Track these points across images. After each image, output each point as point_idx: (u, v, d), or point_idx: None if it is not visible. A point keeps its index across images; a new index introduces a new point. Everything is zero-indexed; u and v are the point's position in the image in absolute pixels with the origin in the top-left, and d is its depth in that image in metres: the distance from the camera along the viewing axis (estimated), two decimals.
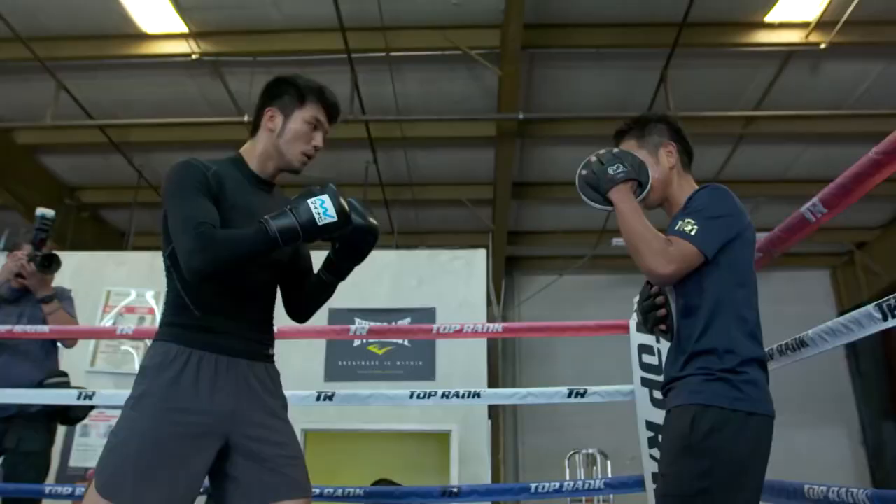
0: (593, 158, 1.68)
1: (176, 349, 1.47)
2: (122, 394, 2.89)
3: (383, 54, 5.64)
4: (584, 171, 1.68)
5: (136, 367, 5.18)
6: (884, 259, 8.34)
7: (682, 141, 1.77)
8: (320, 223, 1.43)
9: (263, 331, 1.63)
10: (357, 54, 5.53)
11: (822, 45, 5.47)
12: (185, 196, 1.47)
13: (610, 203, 1.63)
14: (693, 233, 1.49)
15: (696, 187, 1.68)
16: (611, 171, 1.63)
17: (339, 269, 1.70)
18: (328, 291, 1.76)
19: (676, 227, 1.53)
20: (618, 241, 7.79)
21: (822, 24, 5.38)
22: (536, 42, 5.59)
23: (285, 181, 1.80)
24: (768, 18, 5.41)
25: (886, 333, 7.25)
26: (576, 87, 6.14)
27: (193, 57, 5.70)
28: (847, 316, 1.55)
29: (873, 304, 1.44)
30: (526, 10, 5.06)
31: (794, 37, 5.52)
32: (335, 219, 1.43)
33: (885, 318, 1.41)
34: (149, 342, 5.15)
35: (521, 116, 5.89)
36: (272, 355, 1.65)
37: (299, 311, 1.81)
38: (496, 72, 5.58)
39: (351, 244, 1.64)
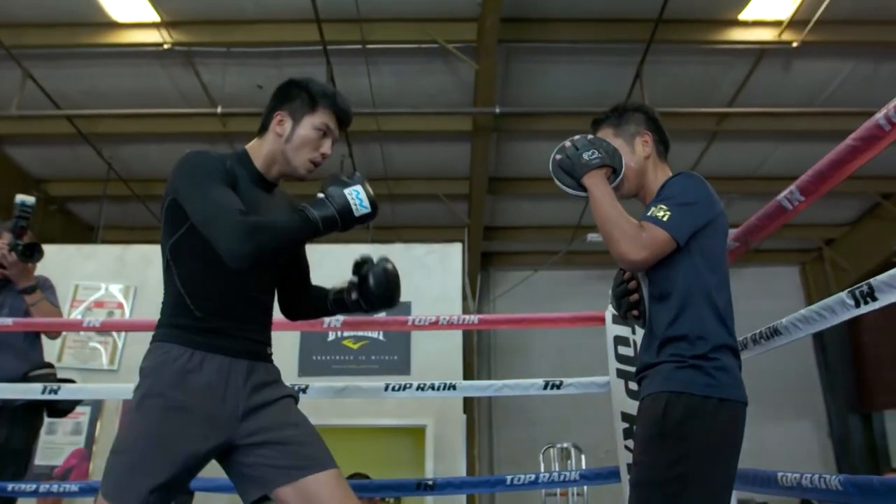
0: (568, 143, 1.67)
1: (177, 350, 1.46)
2: (88, 388, 2.84)
3: (359, 46, 5.59)
4: (558, 156, 1.67)
5: (104, 363, 5.08)
6: (851, 255, 8.51)
7: (659, 131, 1.76)
8: (357, 214, 1.45)
9: (264, 331, 1.62)
10: (332, 46, 5.47)
11: (795, 44, 5.55)
12: (211, 183, 1.45)
13: (583, 188, 1.63)
14: (665, 219, 1.49)
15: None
16: (585, 156, 1.62)
17: (348, 310, 1.74)
18: (328, 313, 1.83)
19: (649, 214, 1.53)
20: (593, 237, 7.82)
21: (795, 23, 5.46)
22: (513, 36, 5.59)
23: None
24: (742, 16, 5.47)
25: (853, 328, 7.40)
26: (552, 82, 6.15)
27: (165, 47, 5.60)
28: (820, 303, 1.55)
29: (846, 290, 1.45)
30: (503, 4, 5.06)
31: (767, 35, 5.59)
32: (369, 210, 1.46)
33: (857, 305, 1.41)
34: (116, 336, 5.01)
35: (497, 110, 5.89)
36: (271, 354, 1.64)
37: (293, 312, 1.83)
38: (472, 65, 5.57)
39: (371, 306, 1.69)
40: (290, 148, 1.59)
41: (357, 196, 1.45)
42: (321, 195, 1.45)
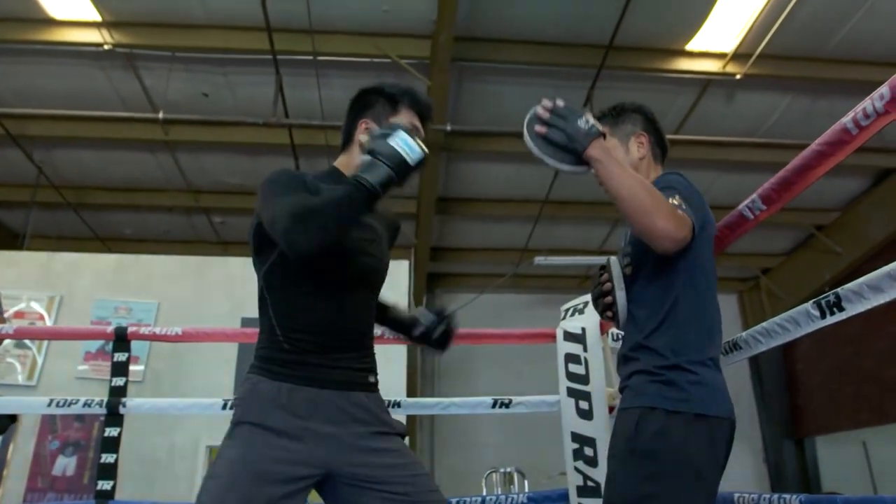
0: (545, 113, 1.42)
1: (266, 384, 1.40)
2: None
3: (310, 58, 5.48)
4: (542, 128, 1.41)
5: (21, 378, 4.75)
6: (786, 284, 8.79)
7: (657, 133, 1.71)
8: (412, 162, 1.33)
9: (361, 358, 1.50)
10: (283, 56, 5.35)
11: (738, 76, 5.72)
12: (286, 192, 1.38)
13: (583, 163, 1.40)
14: (683, 206, 1.38)
15: None
16: (582, 125, 1.39)
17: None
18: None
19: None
20: (540, 260, 7.84)
21: (739, 56, 5.64)
22: (466, 55, 5.58)
23: None
24: (689, 47, 5.61)
25: (787, 357, 7.55)
26: (503, 102, 6.16)
27: (105, 47, 5.35)
28: (783, 315, 1.52)
29: (811, 301, 1.41)
30: (457, 23, 5.04)
31: (713, 66, 5.75)
32: (421, 154, 1.33)
33: (823, 316, 1.38)
34: (35, 349, 4.67)
35: (448, 128, 5.85)
36: (374, 383, 1.52)
37: None
38: (425, 82, 5.52)
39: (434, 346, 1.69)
40: None
41: (405, 143, 1.31)
42: (367, 157, 1.33)
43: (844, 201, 7.75)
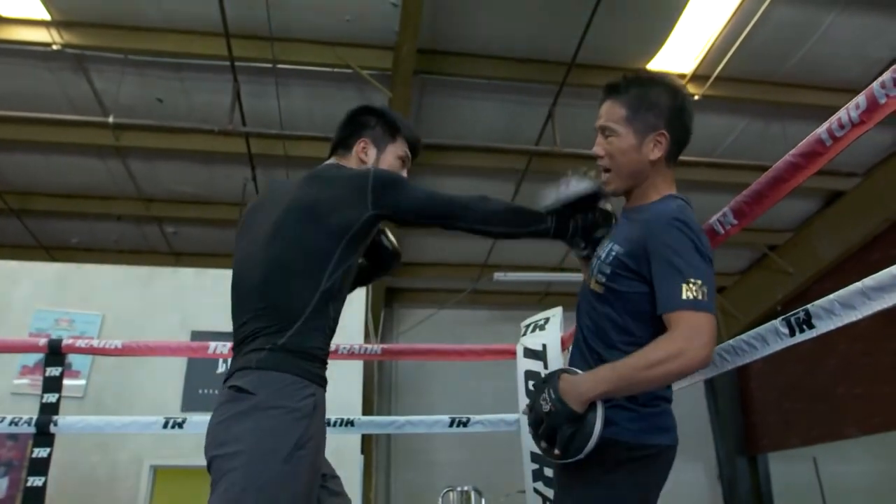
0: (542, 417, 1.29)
1: (321, 394, 1.39)
2: None
3: (269, 65, 5.37)
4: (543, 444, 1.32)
5: None
6: (741, 303, 8.93)
7: (681, 129, 1.39)
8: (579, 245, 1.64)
9: None
10: (241, 63, 5.23)
11: (696, 97, 5.80)
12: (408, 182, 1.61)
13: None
14: (702, 298, 1.18)
15: (671, 191, 1.43)
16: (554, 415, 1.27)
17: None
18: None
19: (682, 297, 1.19)
20: (500, 276, 7.81)
21: (697, 78, 5.74)
22: (428, 68, 5.54)
23: None
24: (650, 66, 5.68)
25: (742, 375, 7.61)
26: (465, 116, 6.13)
27: (55, 47, 5.15)
28: (750, 333, 1.47)
29: (780, 318, 1.37)
30: (420, 35, 5.00)
31: None
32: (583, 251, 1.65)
33: (792, 334, 1.33)
34: None
35: None
36: None
37: None
38: (386, 93, 5.46)
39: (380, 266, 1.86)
40: None
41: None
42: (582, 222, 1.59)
43: (797, 222, 7.93)
